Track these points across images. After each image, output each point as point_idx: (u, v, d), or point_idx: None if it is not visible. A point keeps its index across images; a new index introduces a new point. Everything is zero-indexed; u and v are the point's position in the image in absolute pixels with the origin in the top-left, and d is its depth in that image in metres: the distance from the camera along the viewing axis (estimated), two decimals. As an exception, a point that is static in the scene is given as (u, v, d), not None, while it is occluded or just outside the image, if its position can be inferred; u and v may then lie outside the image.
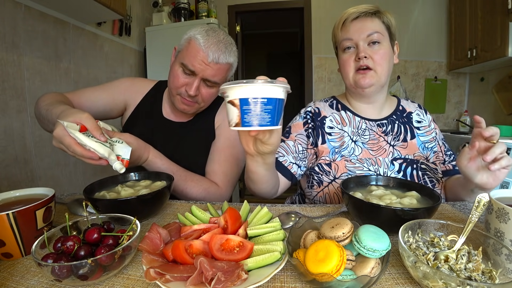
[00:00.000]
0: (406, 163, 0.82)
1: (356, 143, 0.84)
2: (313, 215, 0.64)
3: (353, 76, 0.82)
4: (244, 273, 0.38)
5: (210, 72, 0.82)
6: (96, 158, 0.61)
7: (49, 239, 0.43)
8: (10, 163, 1.33)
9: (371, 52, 0.79)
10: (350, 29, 0.80)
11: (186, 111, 0.89)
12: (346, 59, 0.82)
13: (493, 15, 2.11)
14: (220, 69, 0.83)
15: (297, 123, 0.91)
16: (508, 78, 2.35)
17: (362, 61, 0.78)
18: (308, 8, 3.01)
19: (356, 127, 0.87)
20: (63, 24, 1.64)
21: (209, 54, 0.79)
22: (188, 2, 2.61)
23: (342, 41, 0.82)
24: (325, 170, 0.81)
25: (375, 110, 0.89)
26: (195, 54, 0.80)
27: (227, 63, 0.84)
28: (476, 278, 0.37)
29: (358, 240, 0.39)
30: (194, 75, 0.82)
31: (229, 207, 0.53)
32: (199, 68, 0.81)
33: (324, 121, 0.88)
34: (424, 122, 0.91)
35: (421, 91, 3.01)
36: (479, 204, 0.45)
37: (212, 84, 0.85)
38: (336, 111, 0.90)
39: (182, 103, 0.87)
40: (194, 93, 0.82)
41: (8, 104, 1.32)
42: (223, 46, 0.82)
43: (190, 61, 0.81)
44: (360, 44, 0.79)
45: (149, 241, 0.45)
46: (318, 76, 3.08)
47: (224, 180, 0.90)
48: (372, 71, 0.79)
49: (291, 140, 0.87)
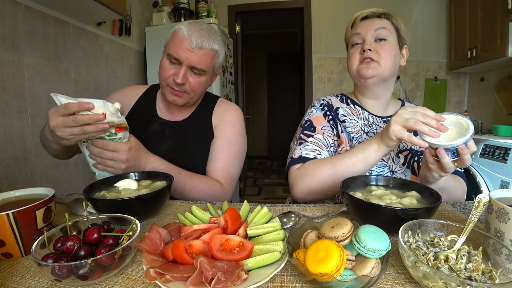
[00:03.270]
0: (411, 154, 0.85)
1: (367, 134, 0.87)
2: (313, 215, 0.64)
3: (357, 66, 0.85)
4: (244, 273, 0.38)
5: (195, 58, 0.83)
6: (103, 118, 0.64)
7: (49, 239, 0.43)
8: (10, 163, 1.33)
9: (376, 46, 0.82)
10: (359, 26, 0.85)
11: (177, 102, 0.89)
12: (352, 52, 0.86)
13: (493, 15, 2.11)
14: (205, 55, 0.84)
15: (317, 116, 0.90)
16: (508, 78, 2.35)
17: (366, 53, 0.81)
18: (308, 8, 3.01)
19: (366, 120, 0.89)
20: (63, 24, 1.64)
21: (192, 41, 0.81)
22: (188, 2, 2.61)
23: (351, 37, 0.87)
24: None
25: (380, 107, 0.91)
26: (179, 43, 0.82)
27: (212, 49, 0.85)
28: (476, 278, 0.37)
29: (358, 240, 0.39)
30: (180, 63, 0.83)
31: (229, 207, 0.53)
32: (183, 56, 0.82)
33: (338, 111, 0.90)
34: None
35: (421, 91, 3.01)
36: (479, 204, 0.45)
37: (200, 72, 0.85)
38: (346, 105, 0.92)
39: (172, 93, 0.87)
40: (181, 81, 0.83)
41: (8, 104, 1.32)
42: (206, 33, 0.84)
43: (175, 50, 0.83)
44: (367, 38, 0.83)
45: (149, 241, 0.45)
46: (318, 76, 3.08)
47: (226, 178, 0.91)
48: (375, 63, 0.81)
49: (319, 133, 0.86)
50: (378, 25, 0.82)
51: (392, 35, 0.83)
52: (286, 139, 5.48)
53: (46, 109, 1.52)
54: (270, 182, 4.36)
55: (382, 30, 0.82)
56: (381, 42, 0.82)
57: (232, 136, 0.94)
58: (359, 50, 0.84)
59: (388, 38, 0.82)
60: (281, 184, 4.17)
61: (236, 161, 0.95)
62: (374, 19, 0.84)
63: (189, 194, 0.83)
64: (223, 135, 0.95)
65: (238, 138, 0.96)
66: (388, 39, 0.82)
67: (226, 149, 0.93)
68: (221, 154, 0.93)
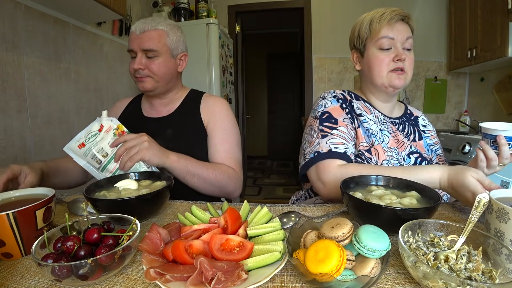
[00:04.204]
0: (421, 157, 0.85)
1: (382, 131, 0.85)
2: (313, 215, 0.64)
3: (387, 75, 0.82)
4: (244, 273, 0.38)
5: (142, 42, 0.90)
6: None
7: (49, 239, 0.43)
8: (10, 163, 1.32)
9: (405, 56, 0.81)
10: (394, 29, 0.80)
11: (145, 88, 0.95)
12: (383, 58, 0.82)
13: (493, 15, 2.11)
14: (151, 36, 0.91)
15: (334, 107, 0.85)
16: (508, 78, 2.34)
17: (401, 63, 0.80)
18: (308, 8, 3.01)
19: (378, 117, 0.88)
20: (63, 24, 1.64)
21: (136, 30, 0.91)
22: (188, 2, 2.61)
23: (381, 39, 0.81)
24: (366, 158, 0.79)
25: (389, 108, 0.92)
26: (130, 38, 0.93)
27: (156, 29, 0.92)
28: (476, 278, 0.37)
29: (358, 240, 0.39)
30: (136, 53, 0.92)
31: (229, 207, 0.53)
32: (133, 44, 0.92)
33: (353, 104, 0.87)
34: (429, 127, 0.96)
35: (421, 91, 3.00)
36: (479, 204, 0.45)
37: (153, 54, 0.91)
38: (357, 101, 0.90)
39: (138, 81, 0.95)
40: (137, 66, 0.91)
41: (8, 104, 1.32)
42: (149, 20, 0.93)
43: (129, 44, 0.94)
44: (398, 45, 0.81)
45: (149, 241, 0.45)
46: (318, 76, 3.08)
47: (235, 164, 0.98)
48: (405, 73, 0.82)
49: (342, 126, 0.81)
50: (408, 33, 0.81)
51: (413, 42, 0.83)
52: (286, 139, 5.51)
53: (46, 109, 1.52)
54: (270, 182, 4.36)
55: (410, 40, 0.81)
56: (408, 51, 0.82)
57: (228, 127, 1.01)
58: (391, 56, 0.81)
59: (412, 48, 0.83)
60: (281, 184, 4.17)
61: (237, 149, 1.02)
62: (404, 24, 0.82)
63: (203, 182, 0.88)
64: (219, 127, 1.00)
65: (233, 127, 1.03)
66: (412, 49, 0.83)
67: (227, 139, 0.99)
68: (223, 145, 0.98)
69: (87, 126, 0.81)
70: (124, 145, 0.77)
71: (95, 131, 0.79)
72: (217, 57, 2.43)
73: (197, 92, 1.09)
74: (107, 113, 0.84)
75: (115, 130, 0.81)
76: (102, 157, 0.78)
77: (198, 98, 1.05)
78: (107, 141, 0.79)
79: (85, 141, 0.78)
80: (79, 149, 0.78)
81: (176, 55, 0.98)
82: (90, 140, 0.78)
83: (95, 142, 0.78)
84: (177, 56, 0.99)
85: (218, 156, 0.97)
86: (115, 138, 0.79)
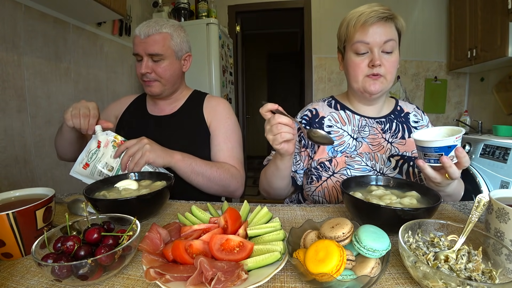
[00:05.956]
0: (403, 159, 0.83)
1: (357, 140, 0.86)
2: (313, 215, 0.64)
3: (362, 80, 0.80)
4: (244, 273, 0.38)
5: (147, 46, 0.91)
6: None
7: (49, 239, 0.43)
8: (10, 163, 1.33)
9: (383, 59, 0.77)
10: (369, 33, 0.76)
11: (153, 92, 0.97)
12: (358, 63, 0.79)
13: (493, 15, 2.11)
14: (156, 40, 0.91)
15: None
16: (508, 78, 2.34)
17: (375, 69, 0.77)
18: (308, 8, 3.00)
19: (356, 125, 0.87)
20: (63, 24, 1.64)
21: (140, 34, 0.91)
22: (188, 2, 2.61)
23: (356, 43, 0.78)
24: (325, 167, 0.82)
25: (375, 110, 0.90)
26: (135, 42, 0.93)
27: (160, 33, 0.92)
28: (476, 278, 0.37)
29: (358, 240, 0.39)
30: (141, 57, 0.93)
31: (229, 207, 0.53)
32: (139, 49, 0.92)
33: (323, 121, 0.88)
34: (421, 122, 0.92)
35: (421, 91, 3.00)
36: (479, 204, 0.45)
37: (159, 58, 0.92)
38: (335, 110, 0.91)
39: (146, 85, 0.96)
40: (144, 70, 0.92)
41: (8, 104, 1.32)
42: (152, 23, 0.93)
43: (134, 48, 0.94)
44: (375, 50, 0.77)
45: (149, 241, 0.45)
46: (318, 76, 3.08)
47: (238, 163, 1.00)
48: (382, 78, 0.78)
49: None
50: (387, 37, 0.76)
51: (396, 43, 0.78)
52: (286, 139, 5.50)
53: (46, 109, 1.52)
54: (270, 182, 4.36)
55: (390, 43, 0.76)
56: (387, 54, 0.78)
57: (231, 127, 1.03)
58: (366, 61, 0.78)
59: (394, 50, 0.78)
60: (281, 184, 4.17)
61: (239, 148, 1.04)
62: (384, 26, 0.76)
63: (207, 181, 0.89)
64: (222, 127, 1.01)
65: (235, 127, 1.05)
66: (393, 51, 0.78)
67: (231, 138, 1.01)
68: (227, 144, 1.00)
69: (85, 147, 0.82)
70: (127, 153, 0.78)
71: (94, 149, 0.80)
72: (217, 57, 2.43)
73: (200, 93, 1.11)
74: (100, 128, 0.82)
75: (113, 142, 0.82)
76: (108, 172, 0.79)
77: (201, 99, 1.06)
78: (109, 154, 0.80)
79: (88, 161, 0.79)
80: (84, 170, 0.79)
81: (181, 56, 0.99)
82: (93, 158, 0.79)
83: (97, 159, 0.79)
84: (182, 57, 1.00)
85: (221, 155, 0.98)
86: (115, 149, 0.80)
